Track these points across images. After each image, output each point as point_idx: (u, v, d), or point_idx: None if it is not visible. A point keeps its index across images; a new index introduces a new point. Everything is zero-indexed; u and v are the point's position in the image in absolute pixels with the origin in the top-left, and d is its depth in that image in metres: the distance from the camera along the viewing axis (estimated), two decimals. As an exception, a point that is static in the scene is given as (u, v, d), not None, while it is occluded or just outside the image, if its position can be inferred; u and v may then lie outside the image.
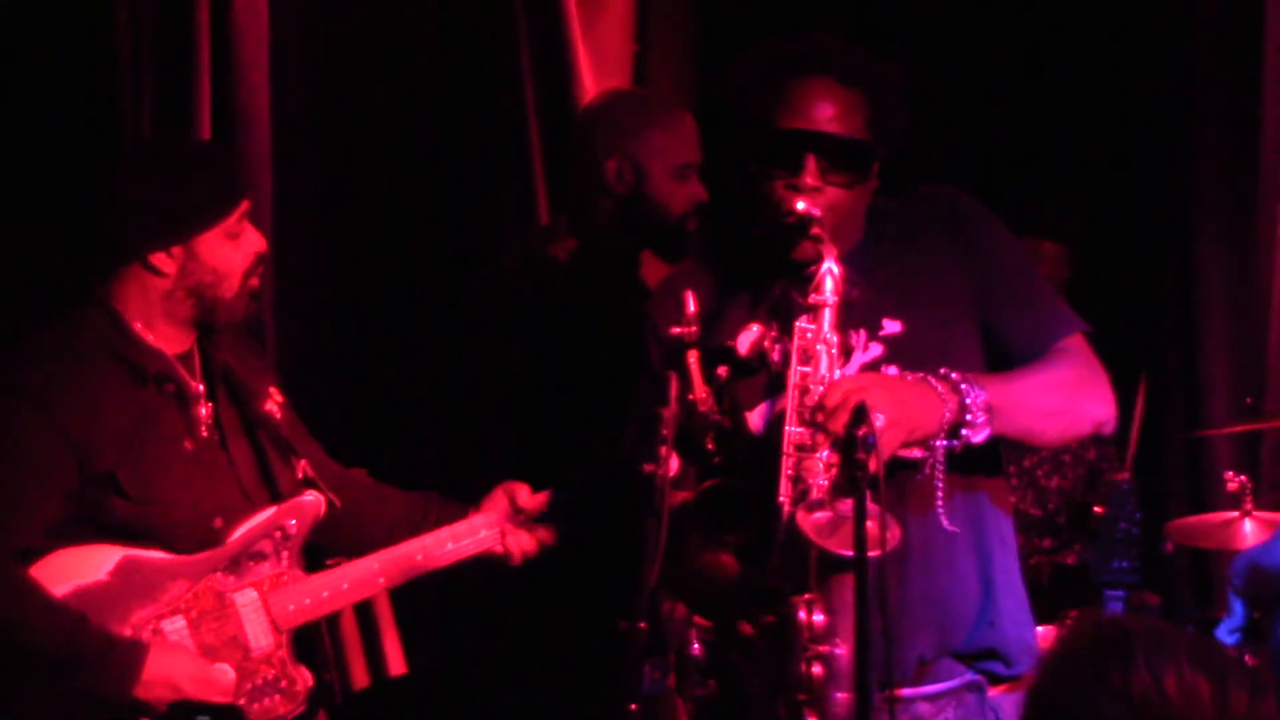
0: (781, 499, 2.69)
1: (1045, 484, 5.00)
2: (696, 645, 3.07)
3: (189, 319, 3.18)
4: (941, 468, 2.79)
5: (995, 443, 2.87)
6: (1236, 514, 4.37)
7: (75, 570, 3.00)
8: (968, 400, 2.74)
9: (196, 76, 4.51)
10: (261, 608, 3.14)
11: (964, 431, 2.75)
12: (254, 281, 3.21)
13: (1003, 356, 2.93)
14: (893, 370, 2.87)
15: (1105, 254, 5.17)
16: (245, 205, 3.18)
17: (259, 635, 3.13)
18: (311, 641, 3.26)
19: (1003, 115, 5.40)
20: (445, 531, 3.29)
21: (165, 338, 3.16)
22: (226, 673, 3.06)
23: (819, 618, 2.61)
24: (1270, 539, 3.34)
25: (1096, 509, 4.69)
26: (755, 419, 2.91)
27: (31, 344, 3.13)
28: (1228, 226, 5.04)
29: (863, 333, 2.90)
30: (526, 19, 4.99)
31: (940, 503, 2.83)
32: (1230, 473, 4.48)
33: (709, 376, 2.72)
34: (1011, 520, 3.04)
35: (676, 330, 2.71)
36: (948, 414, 2.73)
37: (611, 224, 3.78)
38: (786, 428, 2.73)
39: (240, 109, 4.60)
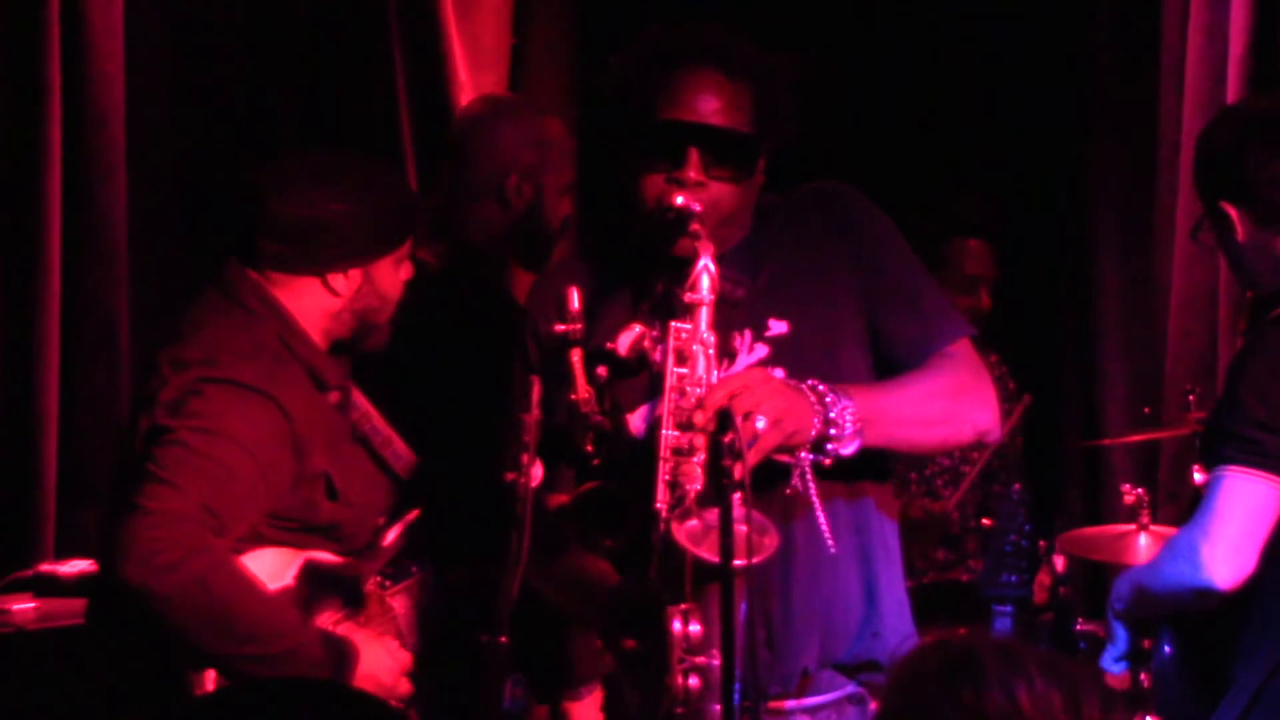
0: (658, 505, 2.67)
1: (944, 493, 4.95)
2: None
3: (341, 340, 3.24)
4: (811, 479, 2.81)
5: (880, 450, 2.89)
6: (1133, 527, 4.31)
7: (266, 574, 3.02)
8: (832, 414, 2.74)
9: (46, 66, 4.47)
10: (413, 612, 3.23)
11: (829, 446, 2.75)
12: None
13: (888, 359, 2.95)
14: (779, 373, 2.86)
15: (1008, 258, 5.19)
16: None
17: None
18: None
19: (910, 113, 5.46)
20: None
21: None
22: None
23: (695, 628, 2.58)
24: (1156, 557, 3.32)
25: (985, 521, 4.73)
26: (636, 421, 2.92)
27: (217, 335, 3.12)
28: (1125, 233, 5.11)
29: (748, 333, 2.91)
30: (398, 8, 5.03)
31: (820, 512, 2.84)
32: (1128, 485, 4.43)
33: (590, 376, 2.75)
34: (897, 529, 3.05)
35: (561, 328, 2.73)
36: (815, 425, 2.73)
37: (497, 234, 3.89)
38: (663, 431, 2.72)
39: (93, 101, 4.57)
